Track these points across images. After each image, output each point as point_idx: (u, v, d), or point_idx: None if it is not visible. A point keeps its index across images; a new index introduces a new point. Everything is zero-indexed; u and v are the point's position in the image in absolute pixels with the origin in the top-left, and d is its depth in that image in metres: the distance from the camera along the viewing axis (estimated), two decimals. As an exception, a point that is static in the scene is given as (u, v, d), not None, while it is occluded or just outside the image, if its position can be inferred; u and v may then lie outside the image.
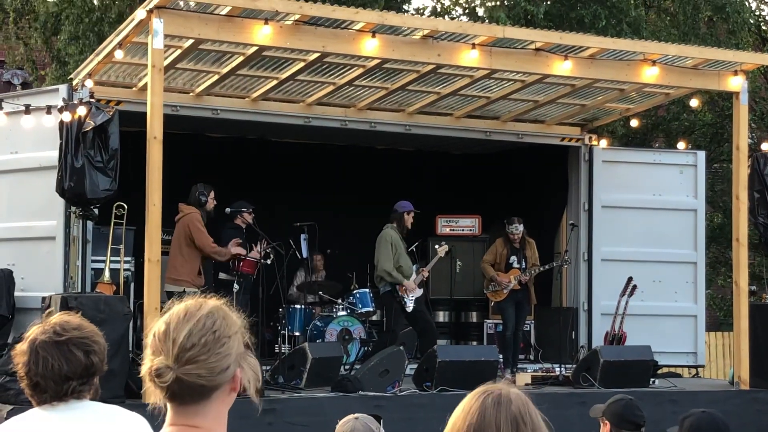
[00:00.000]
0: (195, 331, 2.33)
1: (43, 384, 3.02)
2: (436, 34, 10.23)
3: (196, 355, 2.31)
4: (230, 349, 2.36)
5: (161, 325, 2.37)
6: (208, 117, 12.25)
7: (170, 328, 2.34)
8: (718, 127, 20.00)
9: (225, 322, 2.38)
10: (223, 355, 2.35)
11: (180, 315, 2.36)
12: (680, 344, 13.51)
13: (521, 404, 2.42)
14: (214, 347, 2.33)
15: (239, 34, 9.65)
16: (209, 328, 2.35)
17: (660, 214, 13.67)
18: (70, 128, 9.51)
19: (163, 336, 2.34)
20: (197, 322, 2.35)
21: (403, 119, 13.11)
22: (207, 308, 2.38)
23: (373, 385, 10.24)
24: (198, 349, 2.32)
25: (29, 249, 10.78)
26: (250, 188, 12.97)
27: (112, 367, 3.28)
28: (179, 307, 2.38)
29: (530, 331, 13.72)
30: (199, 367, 2.31)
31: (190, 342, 2.32)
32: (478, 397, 2.44)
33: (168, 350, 2.32)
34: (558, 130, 13.85)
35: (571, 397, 10.66)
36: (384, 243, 11.91)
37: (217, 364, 2.34)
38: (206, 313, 2.37)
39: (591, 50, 10.89)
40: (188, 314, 2.36)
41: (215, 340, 2.34)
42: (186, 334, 2.32)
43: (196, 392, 2.33)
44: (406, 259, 11.98)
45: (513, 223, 12.56)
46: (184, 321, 2.35)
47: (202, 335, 2.33)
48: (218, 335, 2.35)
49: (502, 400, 2.41)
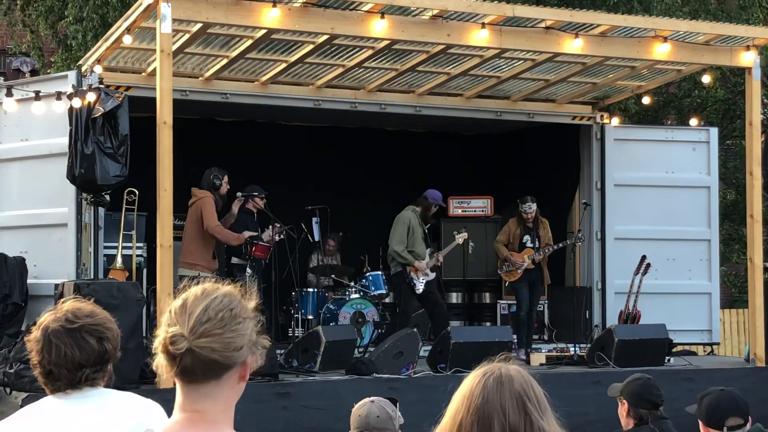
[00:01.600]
0: (212, 306, 2.34)
1: (57, 372, 3.00)
2: (446, 14, 10.17)
3: (211, 328, 2.31)
4: (245, 330, 2.36)
5: (178, 301, 2.38)
6: (218, 101, 12.21)
7: (187, 303, 2.35)
8: (730, 103, 19.87)
9: (241, 305, 2.39)
10: (238, 334, 2.34)
11: (197, 293, 2.38)
12: (695, 322, 13.46)
13: (523, 381, 2.39)
14: (230, 324, 2.33)
15: (247, 17, 9.60)
16: (226, 305, 2.35)
17: (673, 192, 13.60)
18: (80, 114, 9.49)
19: (179, 310, 2.35)
20: (215, 299, 2.36)
21: (413, 100, 13.06)
22: (224, 290, 2.40)
23: (388, 367, 10.23)
24: (214, 323, 2.32)
25: (41, 236, 10.78)
26: (260, 172, 12.94)
27: (125, 352, 3.25)
28: (197, 288, 2.40)
29: (544, 311, 13.69)
30: (214, 341, 2.31)
31: (206, 316, 2.32)
32: (479, 380, 2.40)
33: (184, 322, 2.32)
34: (569, 108, 13.78)
35: (585, 376, 10.64)
36: (401, 224, 11.88)
37: (232, 341, 2.33)
38: (224, 293, 2.38)
39: (602, 27, 10.81)
40: (205, 293, 2.37)
41: (232, 317, 2.34)
42: (203, 308, 2.33)
43: (208, 368, 2.32)
44: (421, 244, 11.97)
45: (526, 202, 12.53)
46: (201, 297, 2.36)
47: (218, 310, 2.34)
48: (235, 313, 2.35)
49: (503, 380, 2.38)
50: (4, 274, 10.31)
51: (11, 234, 10.97)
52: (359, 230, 13.81)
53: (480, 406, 2.36)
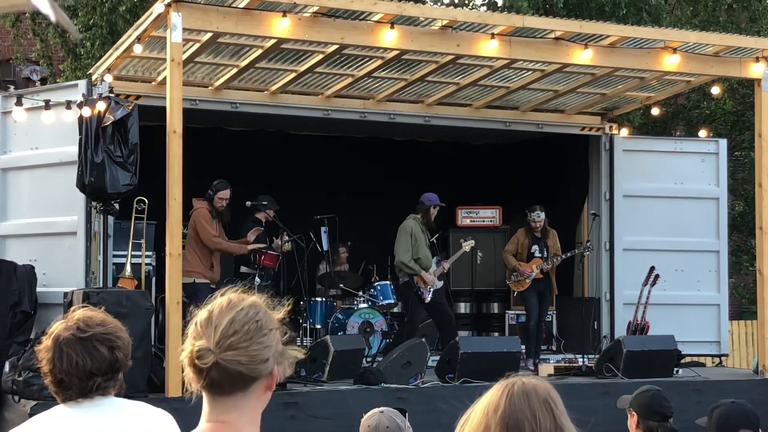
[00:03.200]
0: (238, 318, 2.34)
1: (68, 381, 3.00)
2: (455, 25, 10.18)
3: (237, 341, 2.31)
4: (271, 341, 2.37)
5: (204, 313, 2.38)
6: (228, 110, 12.24)
7: (213, 315, 2.35)
8: (738, 114, 19.86)
9: (267, 316, 2.39)
10: (264, 346, 2.35)
11: (223, 305, 2.37)
12: (703, 333, 13.43)
13: (548, 388, 2.45)
14: (256, 336, 2.34)
15: (257, 26, 9.63)
16: (252, 317, 2.35)
17: (682, 203, 13.59)
18: (90, 123, 9.51)
19: (205, 323, 2.35)
20: (240, 310, 2.35)
21: (423, 110, 13.07)
22: (250, 301, 2.40)
23: (396, 377, 10.22)
24: (240, 336, 2.32)
25: (51, 244, 10.80)
26: (269, 181, 12.97)
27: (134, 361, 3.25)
28: (222, 298, 2.40)
29: (552, 322, 13.68)
30: (240, 354, 2.31)
31: (233, 329, 2.32)
32: (502, 391, 2.43)
33: (210, 335, 2.32)
34: (578, 119, 13.78)
35: (594, 387, 10.61)
36: (403, 234, 11.91)
37: (258, 353, 2.33)
38: (249, 304, 2.38)
39: (611, 38, 10.81)
40: (231, 304, 2.37)
41: (258, 329, 2.35)
42: (229, 320, 2.33)
43: (235, 381, 2.32)
44: (426, 251, 11.95)
45: (534, 211, 12.56)
46: (227, 309, 2.36)
47: (244, 323, 2.34)
48: (260, 325, 2.35)
49: (527, 389, 2.42)
50: (14, 282, 10.32)
51: (21, 242, 11.00)
52: (368, 239, 13.82)
53: (508, 416, 2.38)
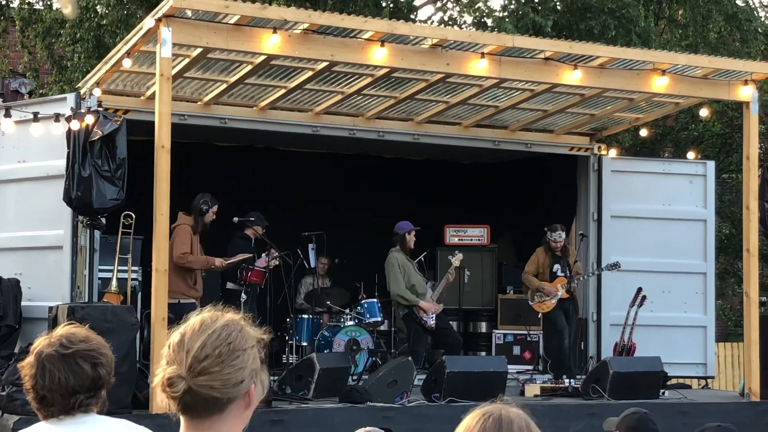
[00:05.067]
0: (209, 341, 2.30)
1: (50, 397, 2.97)
2: (445, 43, 10.20)
3: (209, 366, 2.28)
4: (245, 362, 2.32)
5: (176, 335, 2.34)
6: (216, 126, 12.22)
7: (185, 339, 2.31)
8: (726, 137, 19.94)
9: (241, 335, 2.35)
10: (237, 368, 2.31)
11: (195, 326, 2.33)
12: (690, 355, 13.44)
13: (523, 425, 2.37)
14: (228, 359, 2.30)
15: (248, 42, 9.62)
16: (224, 340, 2.31)
17: (669, 224, 13.61)
18: (78, 137, 9.48)
19: (177, 346, 2.31)
20: (212, 333, 2.31)
21: (412, 128, 13.07)
22: (223, 320, 2.35)
23: (382, 395, 10.18)
24: (212, 360, 2.28)
25: (36, 258, 10.75)
26: (258, 197, 12.95)
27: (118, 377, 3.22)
28: (195, 319, 2.36)
29: (539, 342, 13.65)
30: (213, 379, 2.28)
31: (204, 353, 2.29)
32: (478, 420, 2.39)
33: (182, 360, 2.29)
34: (567, 139, 13.80)
35: (580, 408, 10.59)
36: (392, 267, 12.01)
37: (231, 377, 2.30)
38: (222, 325, 2.34)
39: (600, 59, 10.84)
40: (204, 326, 2.33)
41: (230, 351, 2.30)
42: (200, 344, 2.29)
43: (209, 404, 2.29)
44: (417, 277, 12.04)
45: (556, 231, 12.37)
46: (199, 332, 2.32)
47: (216, 346, 2.30)
48: (233, 347, 2.31)
49: (503, 422, 2.36)
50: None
51: (6, 255, 10.94)
52: (355, 257, 13.79)
53: None
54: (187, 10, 9.24)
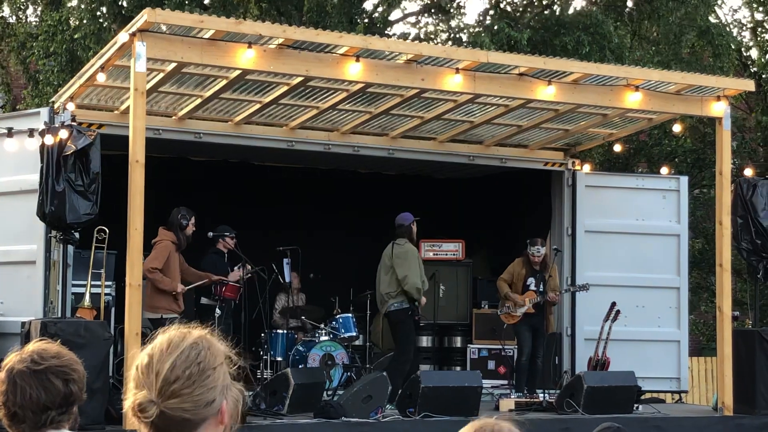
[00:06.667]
0: (179, 363, 2.25)
1: (21, 414, 2.95)
2: (420, 59, 10.22)
3: (180, 388, 2.24)
4: (216, 381, 2.28)
5: (144, 357, 2.28)
6: (191, 140, 12.19)
7: (153, 361, 2.26)
8: (699, 152, 20.08)
9: (210, 353, 2.30)
10: (208, 388, 2.27)
11: (163, 347, 2.28)
12: (663, 370, 13.48)
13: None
14: (198, 379, 2.25)
15: (223, 57, 9.61)
16: (193, 360, 2.26)
17: (643, 239, 13.67)
18: (52, 152, 9.44)
19: (146, 369, 2.26)
20: (181, 353, 2.26)
21: (387, 143, 13.10)
22: (191, 339, 2.30)
23: (356, 410, 10.16)
24: (182, 382, 2.24)
25: (9, 273, 10.68)
26: (232, 212, 12.91)
27: (91, 393, 3.20)
28: (162, 338, 2.30)
29: (513, 356, 13.67)
30: (184, 401, 2.24)
31: (174, 375, 2.24)
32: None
33: (151, 384, 2.24)
34: (541, 154, 13.86)
35: (554, 423, 10.61)
36: (413, 258, 11.70)
37: (202, 397, 2.26)
38: (190, 344, 2.29)
39: (574, 75, 10.90)
40: (171, 346, 2.28)
41: (200, 372, 2.26)
42: (170, 366, 2.24)
43: (182, 427, 2.26)
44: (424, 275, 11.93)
45: (536, 245, 12.30)
46: (167, 353, 2.26)
47: (186, 367, 2.25)
48: (203, 367, 2.27)
49: None
50: (-30, 311, 10.20)
51: (-21, 270, 10.86)
52: (330, 272, 13.77)
53: None
54: (161, 24, 9.23)
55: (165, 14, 9.15)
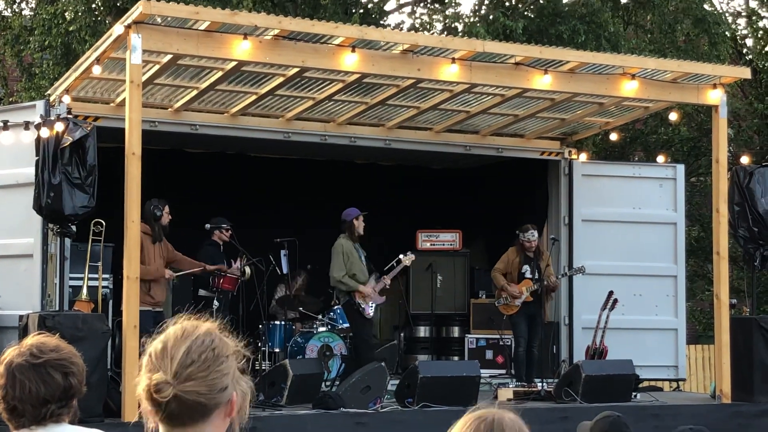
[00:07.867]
0: (194, 347, 2.29)
1: (21, 408, 2.94)
2: (416, 49, 10.21)
3: (196, 371, 2.27)
4: (229, 368, 2.33)
5: (157, 344, 2.32)
6: (187, 132, 12.18)
7: (168, 346, 2.30)
8: (695, 140, 20.08)
9: (222, 342, 2.34)
10: (223, 374, 2.31)
11: (177, 334, 2.32)
12: (661, 358, 13.50)
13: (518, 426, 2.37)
14: (213, 364, 2.29)
15: (218, 49, 9.60)
16: (208, 346, 2.31)
17: (640, 228, 13.68)
18: (48, 144, 9.41)
19: (160, 354, 2.30)
20: (195, 339, 2.31)
21: (383, 134, 13.09)
22: (204, 328, 2.35)
23: (355, 401, 10.17)
24: (198, 366, 2.27)
25: (6, 267, 10.66)
26: (229, 203, 12.90)
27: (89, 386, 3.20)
28: (176, 327, 2.34)
29: (511, 346, 13.68)
30: (199, 384, 2.27)
31: (190, 358, 2.28)
32: (470, 424, 2.38)
33: (167, 367, 2.27)
34: (538, 144, 13.85)
35: (553, 412, 10.63)
36: (335, 253, 11.98)
37: (217, 382, 2.29)
38: (204, 332, 2.33)
39: (571, 64, 10.89)
40: (186, 333, 2.32)
41: (215, 357, 2.30)
42: (185, 350, 2.28)
43: (195, 412, 2.28)
44: (360, 266, 11.95)
45: (527, 231, 12.18)
46: (182, 339, 2.31)
47: (201, 351, 2.29)
48: (217, 353, 2.31)
49: (495, 428, 2.35)
50: (-32, 305, 10.19)
51: (-24, 264, 10.85)
52: (327, 263, 13.74)
53: None
54: (156, 16, 9.21)
55: (160, 6, 9.12)
